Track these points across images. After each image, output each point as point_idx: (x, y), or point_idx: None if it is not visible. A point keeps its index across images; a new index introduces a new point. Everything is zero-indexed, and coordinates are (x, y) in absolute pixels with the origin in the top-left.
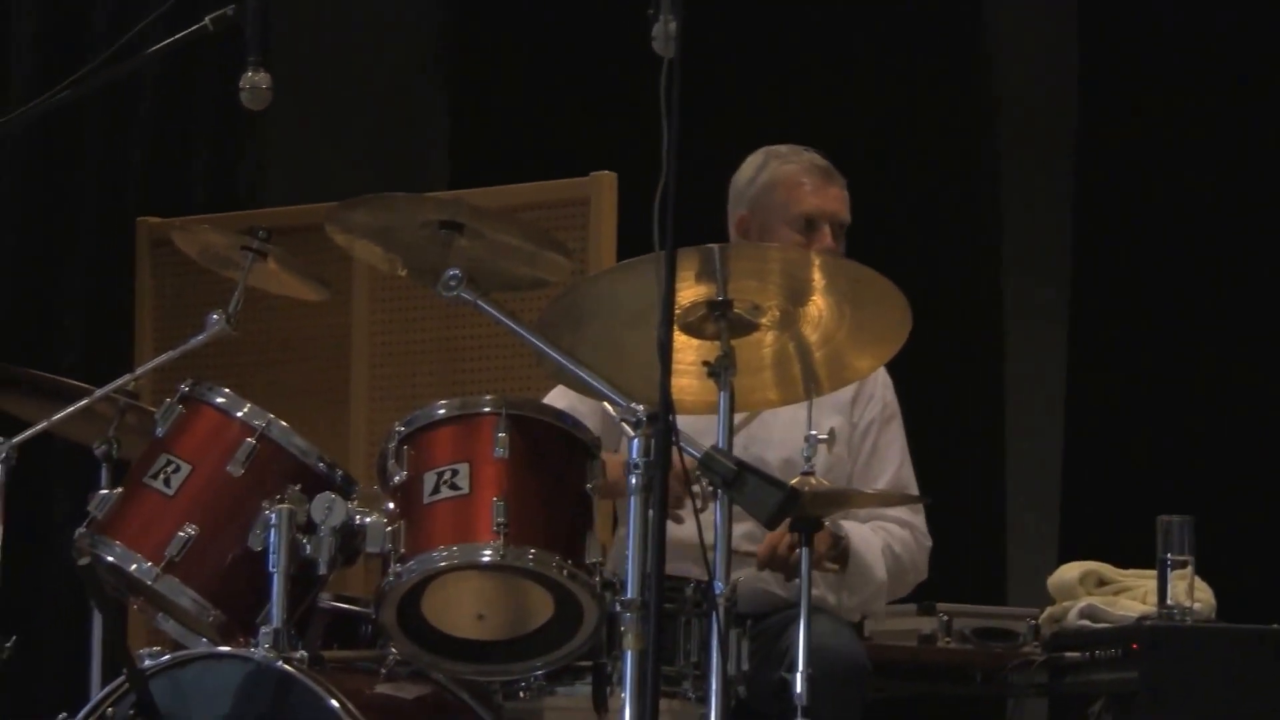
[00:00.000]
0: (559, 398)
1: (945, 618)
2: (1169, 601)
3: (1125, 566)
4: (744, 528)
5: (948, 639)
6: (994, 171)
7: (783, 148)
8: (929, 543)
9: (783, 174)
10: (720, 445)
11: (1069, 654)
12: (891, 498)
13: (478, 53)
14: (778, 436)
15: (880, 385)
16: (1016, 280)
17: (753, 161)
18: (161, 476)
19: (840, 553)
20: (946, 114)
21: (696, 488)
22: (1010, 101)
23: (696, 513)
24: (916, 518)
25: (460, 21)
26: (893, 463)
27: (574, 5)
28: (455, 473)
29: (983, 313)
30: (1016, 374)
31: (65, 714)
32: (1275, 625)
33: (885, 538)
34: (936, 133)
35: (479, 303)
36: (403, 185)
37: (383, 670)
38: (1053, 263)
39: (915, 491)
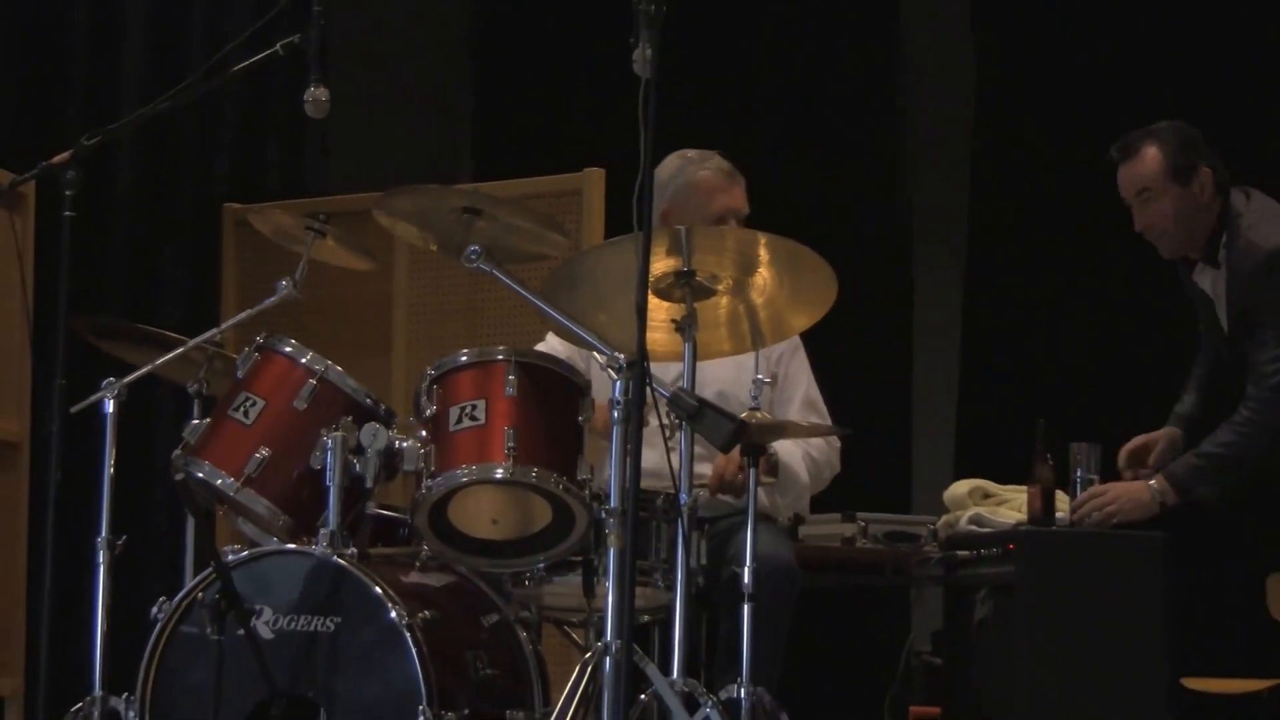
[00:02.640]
0: (545, 345)
1: (863, 524)
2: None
3: (1005, 483)
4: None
5: (865, 540)
6: (900, 148)
7: (693, 153)
8: (838, 443)
9: (698, 179)
10: (685, 386)
11: (960, 552)
12: (819, 429)
13: (496, 72)
14: (711, 376)
15: None
16: (921, 242)
17: (670, 163)
18: (241, 410)
19: (772, 466)
20: (864, 108)
21: (665, 419)
22: (918, 91)
23: (665, 440)
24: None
25: (482, 46)
26: (802, 384)
27: (571, 33)
28: (474, 407)
29: (894, 273)
30: (921, 324)
31: (164, 598)
32: (1122, 531)
33: (804, 447)
34: (856, 121)
35: (494, 272)
36: (434, 178)
37: (417, 564)
38: (952, 228)
39: (821, 403)
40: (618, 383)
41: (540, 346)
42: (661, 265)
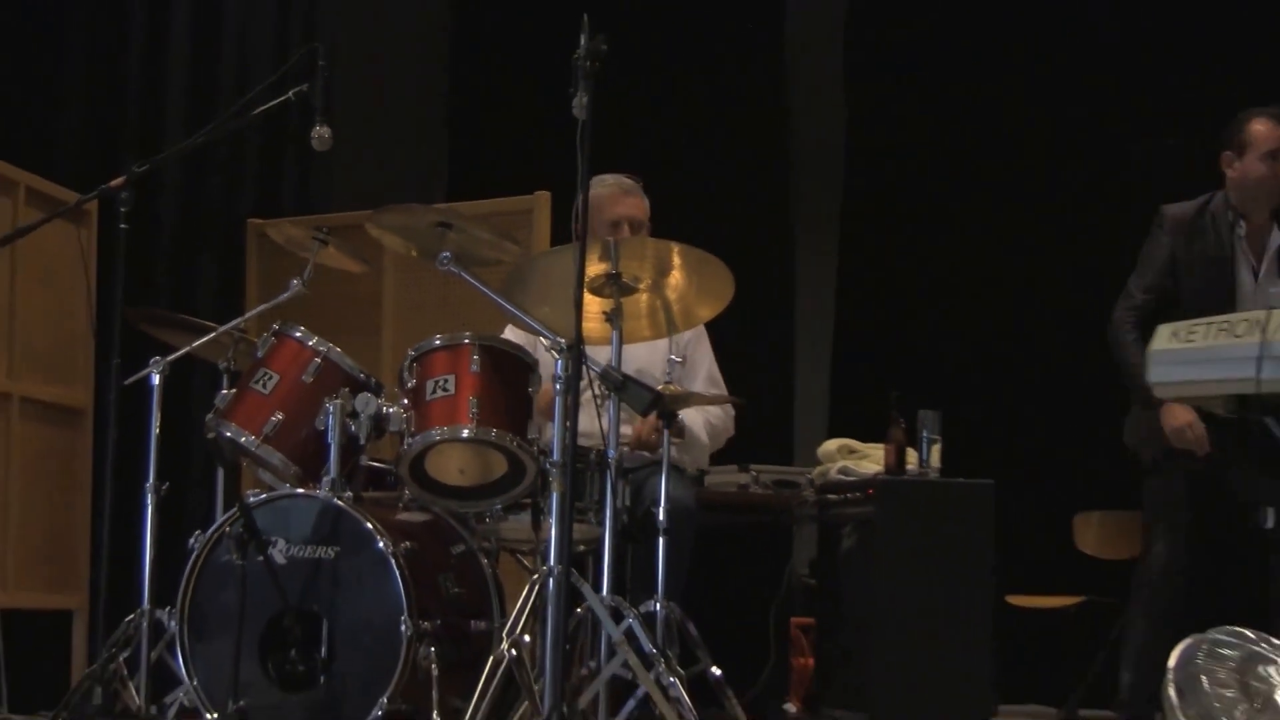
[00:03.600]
0: (508, 334)
1: (755, 474)
2: (924, 462)
3: (866, 441)
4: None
5: (756, 487)
6: (784, 161)
7: (607, 176)
8: (734, 412)
9: (597, 194)
10: (613, 364)
11: (831, 496)
12: (720, 399)
13: (465, 115)
14: (631, 356)
15: None
16: (803, 248)
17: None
18: (261, 382)
19: (679, 430)
20: (753, 123)
21: (597, 391)
22: (799, 107)
23: (598, 407)
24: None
25: (455, 95)
26: (704, 363)
27: (524, 85)
28: (446, 381)
29: (779, 272)
30: (802, 313)
31: (199, 531)
32: (958, 479)
33: (705, 415)
34: (746, 134)
35: (463, 274)
36: (415, 198)
37: (400, 505)
38: (826, 236)
39: (720, 378)
40: (559, 362)
41: (505, 335)
42: (594, 269)
